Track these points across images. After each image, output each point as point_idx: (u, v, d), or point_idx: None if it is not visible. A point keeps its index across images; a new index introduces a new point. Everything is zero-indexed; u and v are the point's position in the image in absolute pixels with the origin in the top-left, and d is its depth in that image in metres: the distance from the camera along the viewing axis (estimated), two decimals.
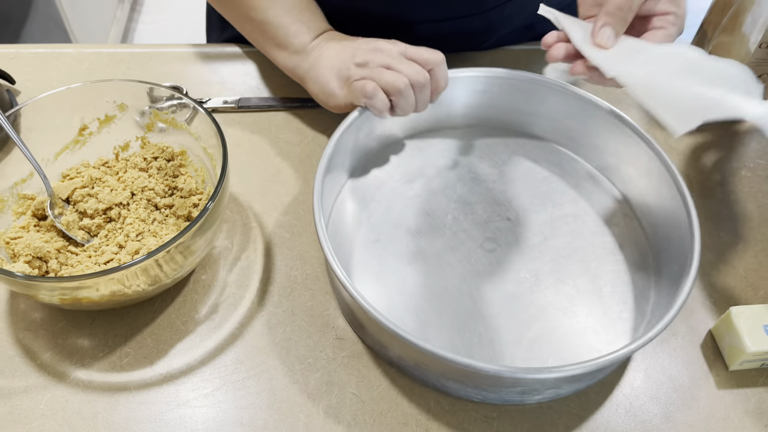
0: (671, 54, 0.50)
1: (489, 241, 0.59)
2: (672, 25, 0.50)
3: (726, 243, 0.61)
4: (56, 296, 0.47)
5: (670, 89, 0.48)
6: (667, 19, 0.50)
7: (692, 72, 0.48)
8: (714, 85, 0.48)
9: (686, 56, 0.49)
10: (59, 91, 0.56)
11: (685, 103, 0.47)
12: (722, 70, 0.48)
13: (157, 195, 0.57)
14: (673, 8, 0.50)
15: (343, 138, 0.58)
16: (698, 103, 0.47)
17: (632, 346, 0.46)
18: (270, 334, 0.53)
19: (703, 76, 0.48)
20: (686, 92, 0.48)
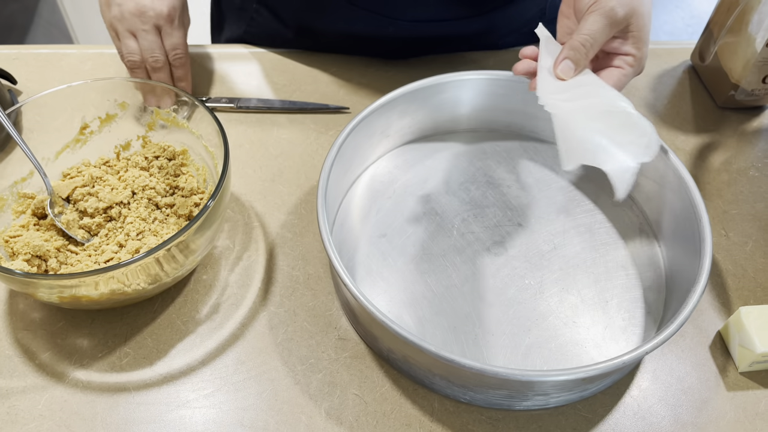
0: (601, 98, 0.51)
1: (497, 245, 0.59)
2: (630, 66, 0.52)
3: (735, 243, 0.60)
4: (55, 294, 0.46)
5: (577, 128, 0.50)
6: (626, 60, 0.52)
7: (605, 118, 0.50)
8: (614, 133, 0.49)
9: (611, 103, 0.50)
10: (60, 89, 0.56)
11: (580, 144, 0.49)
12: (631, 123, 0.49)
13: (158, 194, 0.57)
14: (634, 51, 0.52)
15: (350, 138, 0.58)
16: (588, 146, 0.49)
17: (629, 356, 0.44)
18: (271, 334, 0.53)
19: (611, 124, 0.49)
20: (585, 134, 0.49)
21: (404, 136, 0.66)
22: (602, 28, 0.50)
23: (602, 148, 0.49)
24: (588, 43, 0.50)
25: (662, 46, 0.79)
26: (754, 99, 0.70)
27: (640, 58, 0.52)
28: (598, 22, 0.50)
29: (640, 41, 0.51)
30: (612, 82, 0.52)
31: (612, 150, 0.48)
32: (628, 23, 0.50)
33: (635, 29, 0.51)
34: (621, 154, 0.48)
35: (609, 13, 0.49)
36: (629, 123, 0.49)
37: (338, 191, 0.60)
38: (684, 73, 0.76)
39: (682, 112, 0.71)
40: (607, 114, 0.50)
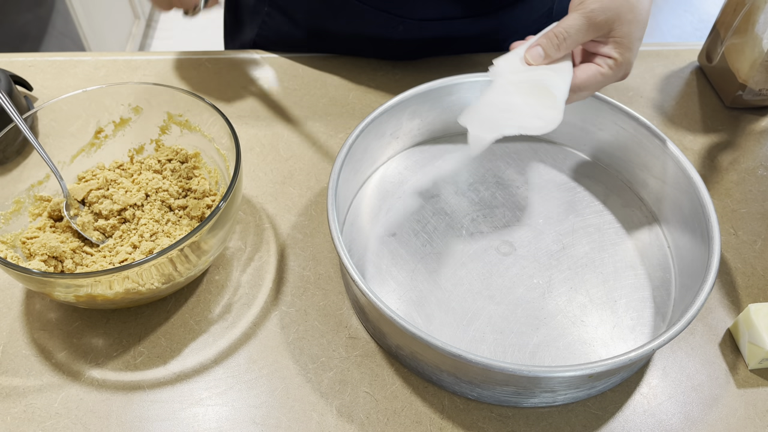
0: (539, 76, 0.52)
1: (506, 244, 0.59)
2: (609, 69, 0.52)
3: (744, 242, 0.60)
4: (71, 293, 0.47)
5: (495, 94, 0.52)
6: (607, 62, 0.52)
7: (526, 92, 0.52)
8: (522, 103, 0.51)
9: (542, 81, 0.51)
10: (75, 95, 0.57)
11: (486, 106, 0.52)
12: (543, 100, 0.51)
13: (171, 196, 0.57)
14: (616, 55, 0.52)
15: (359, 140, 0.58)
16: (489, 112, 0.52)
17: (635, 353, 0.45)
18: (283, 333, 0.53)
19: (527, 97, 0.52)
20: (496, 99, 0.52)
21: (414, 137, 0.66)
22: (579, 27, 0.50)
23: (497, 116, 0.51)
24: (562, 36, 0.51)
25: (669, 47, 0.79)
26: (761, 99, 0.71)
27: (621, 63, 0.52)
28: (577, 20, 0.50)
29: (622, 47, 0.51)
30: (585, 76, 0.52)
31: (498, 118, 0.51)
32: (611, 28, 0.51)
33: (618, 35, 0.51)
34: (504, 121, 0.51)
35: (589, 15, 0.50)
36: (542, 99, 0.51)
37: (348, 192, 0.61)
38: (691, 74, 0.76)
39: (690, 112, 0.72)
40: (531, 88, 0.51)
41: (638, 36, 0.52)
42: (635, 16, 0.51)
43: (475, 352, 0.52)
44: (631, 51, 0.52)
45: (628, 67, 0.53)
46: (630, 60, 0.52)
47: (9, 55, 0.76)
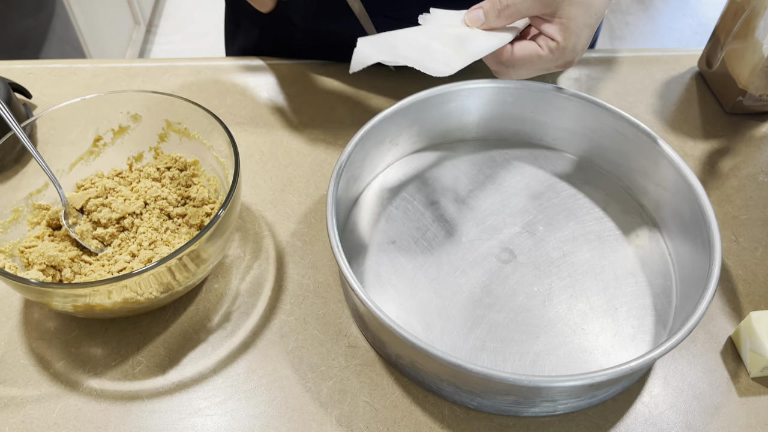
0: (462, 30, 0.51)
1: (506, 252, 0.59)
2: (549, 51, 0.50)
3: (745, 249, 0.60)
4: (69, 303, 0.47)
5: (409, 33, 0.51)
6: (548, 43, 0.50)
7: (439, 37, 0.51)
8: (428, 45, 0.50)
9: (467, 35, 0.51)
10: (74, 103, 0.57)
11: (392, 37, 0.51)
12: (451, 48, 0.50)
13: (170, 204, 0.57)
14: (558, 37, 0.49)
15: (358, 147, 0.58)
16: (393, 41, 0.51)
17: (636, 362, 0.44)
18: (282, 342, 0.53)
19: (437, 41, 0.51)
20: (406, 36, 0.51)
21: (413, 144, 0.66)
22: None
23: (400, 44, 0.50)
24: (506, 2, 0.49)
25: (669, 53, 0.79)
26: (762, 104, 0.70)
27: (563, 48, 0.49)
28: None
29: (567, 31, 0.49)
30: (522, 53, 0.50)
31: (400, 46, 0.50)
32: (559, 7, 0.48)
33: (565, 17, 0.49)
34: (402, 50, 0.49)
35: None
36: (454, 50, 0.50)
37: (347, 199, 0.60)
38: (691, 80, 0.76)
39: (690, 118, 0.71)
40: (450, 39, 0.50)
41: (587, 22, 0.50)
42: (586, 0, 0.49)
43: (476, 360, 0.52)
44: (578, 37, 0.49)
45: (572, 54, 0.50)
46: (575, 47, 0.50)
47: (8, 63, 0.76)
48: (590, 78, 0.75)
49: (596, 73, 0.76)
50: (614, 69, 0.77)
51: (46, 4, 1.69)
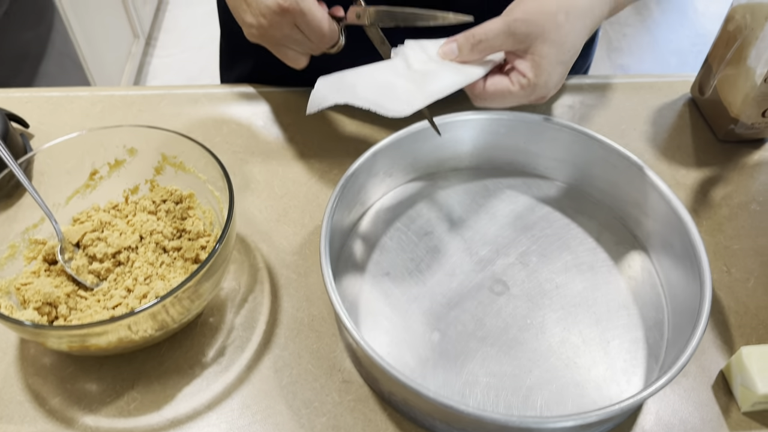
0: (434, 67, 0.52)
1: (499, 283, 0.59)
2: (520, 88, 0.49)
3: (736, 279, 0.61)
4: (64, 343, 0.47)
5: (377, 70, 0.52)
6: (520, 80, 0.50)
7: (406, 74, 0.51)
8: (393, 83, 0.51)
9: (434, 72, 0.51)
10: (71, 138, 0.57)
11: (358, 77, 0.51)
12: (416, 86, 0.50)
13: (165, 238, 0.58)
14: (530, 74, 0.49)
15: (353, 179, 0.59)
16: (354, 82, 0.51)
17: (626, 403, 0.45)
18: (276, 377, 0.53)
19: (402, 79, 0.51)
20: (371, 75, 0.52)
21: (407, 174, 0.67)
22: (498, 33, 0.48)
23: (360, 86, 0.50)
24: (479, 37, 0.49)
25: (662, 79, 0.80)
26: (754, 132, 0.71)
27: (534, 85, 0.49)
28: (497, 25, 0.48)
29: (539, 68, 0.49)
30: (493, 89, 0.50)
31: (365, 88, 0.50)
32: (531, 44, 0.48)
33: (537, 54, 0.49)
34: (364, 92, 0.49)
35: (510, 23, 0.48)
36: (419, 87, 0.50)
37: (342, 230, 0.61)
38: (684, 106, 0.76)
39: (682, 145, 0.72)
40: (418, 76, 0.50)
41: (560, 59, 0.49)
42: (560, 37, 0.48)
43: (468, 396, 0.52)
44: (549, 75, 0.49)
45: (544, 90, 0.50)
46: (546, 84, 0.50)
47: (6, 91, 0.76)
48: (584, 105, 0.76)
49: (590, 100, 0.77)
50: (608, 95, 0.77)
51: (45, 17, 1.70)
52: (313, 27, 0.53)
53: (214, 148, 0.71)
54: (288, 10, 0.51)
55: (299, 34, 0.54)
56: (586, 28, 0.51)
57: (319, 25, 0.53)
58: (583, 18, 0.49)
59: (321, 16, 0.53)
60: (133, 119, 0.74)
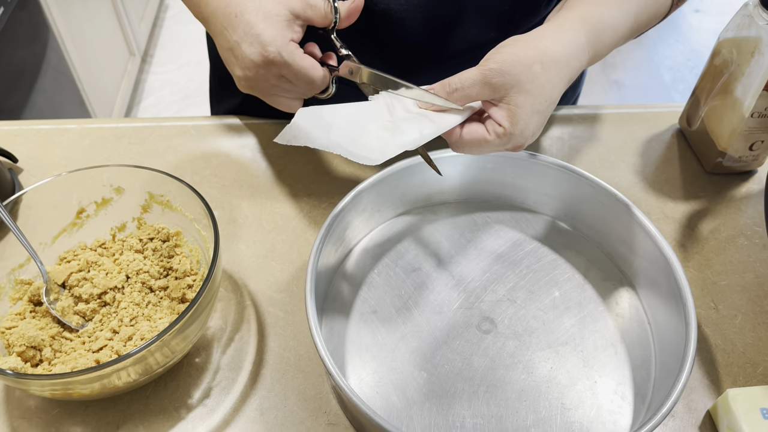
0: (406, 116, 0.52)
1: (486, 321, 0.59)
2: (496, 136, 0.49)
3: (724, 316, 0.61)
4: (47, 391, 0.47)
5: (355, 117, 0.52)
6: (495, 129, 0.49)
7: (383, 126, 0.52)
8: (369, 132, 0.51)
9: (403, 122, 0.51)
10: (58, 178, 0.57)
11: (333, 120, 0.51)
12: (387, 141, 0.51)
13: (152, 277, 0.58)
14: (506, 123, 0.49)
15: (341, 216, 0.59)
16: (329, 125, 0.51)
17: None
18: (262, 419, 0.53)
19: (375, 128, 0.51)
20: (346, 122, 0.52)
21: (396, 209, 0.67)
22: (474, 83, 0.48)
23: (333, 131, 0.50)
24: (454, 86, 0.49)
25: (650, 109, 0.80)
26: (742, 165, 0.71)
27: (510, 135, 0.49)
28: (473, 75, 0.48)
29: (515, 117, 0.48)
30: (469, 137, 0.50)
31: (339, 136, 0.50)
32: (507, 94, 0.48)
33: (513, 103, 0.48)
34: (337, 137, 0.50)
35: (486, 73, 0.48)
36: (391, 137, 0.50)
37: (329, 268, 0.61)
38: (672, 137, 0.77)
39: (670, 178, 0.72)
40: (389, 125, 0.51)
41: (537, 109, 0.49)
42: (535, 87, 0.48)
43: None
44: (526, 124, 0.49)
45: (520, 140, 0.50)
46: (522, 133, 0.49)
47: None
48: (572, 136, 0.76)
49: (579, 131, 0.77)
50: (597, 127, 0.78)
51: (40, 35, 1.70)
52: (300, 77, 0.53)
53: (203, 181, 0.71)
54: (273, 62, 0.51)
55: (287, 83, 0.54)
56: (563, 80, 0.51)
57: (306, 74, 0.53)
58: (559, 69, 0.49)
59: (308, 65, 0.53)
60: (123, 152, 0.74)
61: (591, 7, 0.54)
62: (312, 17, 0.54)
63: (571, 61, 0.50)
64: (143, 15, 2.29)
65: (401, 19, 0.64)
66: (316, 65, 0.54)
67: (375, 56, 0.68)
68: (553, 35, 0.50)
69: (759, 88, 0.63)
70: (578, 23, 0.52)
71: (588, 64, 0.53)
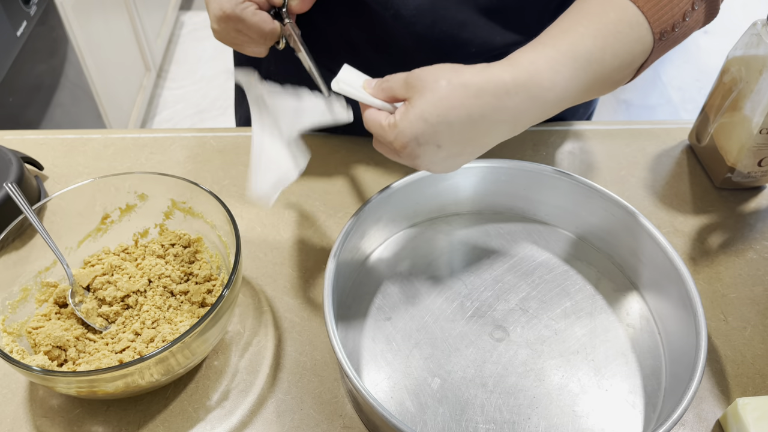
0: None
1: (499, 329, 0.60)
2: (387, 124, 0.50)
3: (733, 328, 0.61)
4: (73, 389, 0.48)
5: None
6: (389, 118, 0.51)
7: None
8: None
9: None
10: (84, 185, 0.59)
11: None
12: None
13: (173, 282, 0.59)
14: (397, 116, 0.50)
15: (356, 226, 0.60)
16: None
17: None
18: (279, 422, 0.54)
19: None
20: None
21: (410, 219, 0.68)
22: (399, 79, 0.50)
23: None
24: (387, 78, 0.52)
25: (660, 126, 0.81)
26: (751, 180, 0.72)
27: (395, 126, 0.49)
28: (402, 74, 0.50)
29: (405, 114, 0.49)
30: (370, 117, 0.51)
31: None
32: (412, 96, 0.49)
33: (410, 103, 0.49)
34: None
35: (409, 74, 0.50)
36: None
37: (345, 276, 0.62)
38: (682, 153, 0.78)
39: (680, 192, 0.73)
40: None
41: (425, 116, 0.48)
42: (433, 98, 0.48)
43: None
44: (410, 124, 0.48)
45: (401, 137, 0.49)
46: (403, 131, 0.49)
47: (21, 133, 0.79)
48: (583, 151, 0.78)
49: (590, 146, 0.78)
50: (607, 141, 0.79)
51: (59, 49, 1.74)
52: (253, 30, 0.60)
53: (223, 191, 0.73)
54: (229, 18, 0.60)
55: (244, 36, 0.62)
56: (465, 107, 0.48)
57: (258, 27, 0.60)
58: (465, 94, 0.48)
59: (258, 20, 0.60)
60: (145, 161, 0.76)
61: (532, 52, 0.51)
62: None
63: (483, 95, 0.48)
64: (159, 32, 2.33)
65: (411, 24, 0.66)
66: (267, 20, 0.61)
67: (386, 61, 0.70)
68: (481, 67, 0.50)
69: (767, 105, 0.65)
70: (508, 65, 0.50)
71: (523, 108, 0.50)
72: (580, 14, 0.53)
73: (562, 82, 0.50)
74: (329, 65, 0.75)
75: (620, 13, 0.52)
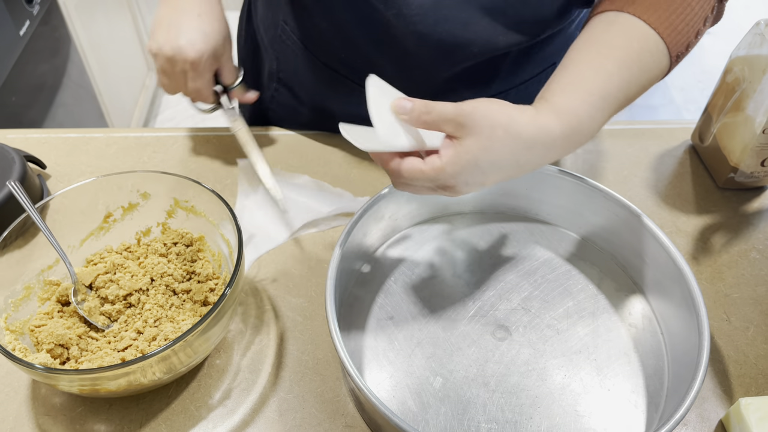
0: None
1: (501, 329, 0.60)
2: (431, 167, 0.48)
3: (736, 328, 0.61)
4: (75, 386, 0.48)
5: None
6: (433, 162, 0.49)
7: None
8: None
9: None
10: (87, 183, 0.59)
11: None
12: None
13: (176, 280, 0.59)
14: (445, 159, 0.48)
15: (359, 224, 0.60)
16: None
17: None
18: (281, 421, 0.54)
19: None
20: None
21: (412, 218, 0.68)
22: (447, 114, 0.48)
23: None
24: (428, 108, 0.48)
25: (663, 126, 0.81)
26: (754, 180, 0.72)
27: (442, 170, 0.48)
28: (450, 107, 0.48)
29: (456, 157, 0.48)
30: (408, 165, 0.49)
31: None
32: (463, 136, 0.48)
33: (462, 146, 0.48)
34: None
35: (459, 111, 0.47)
36: None
37: (347, 274, 0.62)
38: (685, 153, 0.78)
39: (683, 192, 0.73)
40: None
41: (478, 162, 0.48)
42: (489, 145, 0.48)
43: None
44: (462, 169, 0.48)
45: (451, 181, 0.48)
46: (454, 175, 0.48)
47: (24, 132, 0.79)
48: (587, 151, 0.78)
49: (593, 146, 0.78)
50: (611, 141, 0.79)
51: (61, 49, 1.74)
52: (196, 87, 0.69)
53: (225, 189, 0.73)
54: (195, 63, 0.66)
55: (182, 81, 0.69)
56: (516, 157, 0.49)
57: (201, 92, 0.70)
58: (517, 145, 0.48)
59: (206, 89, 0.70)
60: (147, 160, 0.76)
61: (573, 99, 0.52)
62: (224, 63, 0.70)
63: (534, 147, 0.49)
64: None
65: (413, 23, 0.66)
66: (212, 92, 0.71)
67: (387, 60, 0.70)
68: (531, 115, 0.50)
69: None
70: (555, 116, 0.50)
71: (563, 153, 0.52)
72: (605, 47, 0.54)
73: (597, 126, 0.52)
74: (329, 63, 0.75)
75: (643, 42, 0.54)
